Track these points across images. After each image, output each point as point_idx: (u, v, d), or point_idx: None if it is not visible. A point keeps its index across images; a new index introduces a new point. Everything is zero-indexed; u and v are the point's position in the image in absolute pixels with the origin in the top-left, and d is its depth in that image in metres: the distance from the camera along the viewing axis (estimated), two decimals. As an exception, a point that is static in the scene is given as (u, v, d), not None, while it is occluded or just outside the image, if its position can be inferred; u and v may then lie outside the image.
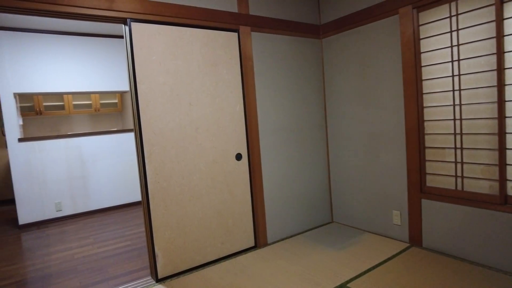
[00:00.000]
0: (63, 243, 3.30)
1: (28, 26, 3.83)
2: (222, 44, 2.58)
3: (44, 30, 3.99)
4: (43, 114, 5.33)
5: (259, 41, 2.79)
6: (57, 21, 3.70)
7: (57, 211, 4.08)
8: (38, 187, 3.96)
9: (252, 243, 2.81)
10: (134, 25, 2.22)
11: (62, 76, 4.14)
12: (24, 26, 3.82)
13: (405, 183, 2.65)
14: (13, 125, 3.85)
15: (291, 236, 3.01)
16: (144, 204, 2.33)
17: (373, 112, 2.83)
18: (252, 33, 2.74)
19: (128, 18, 2.19)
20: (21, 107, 5.29)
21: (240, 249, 2.74)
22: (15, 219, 4.06)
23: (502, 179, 2.11)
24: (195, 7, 2.44)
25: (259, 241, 2.83)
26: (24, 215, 3.91)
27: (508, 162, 2.10)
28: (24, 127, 5.37)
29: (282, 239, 2.95)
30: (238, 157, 2.69)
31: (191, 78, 2.45)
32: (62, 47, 4.14)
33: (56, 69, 4.10)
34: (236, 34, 2.65)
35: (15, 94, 3.88)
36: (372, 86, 2.81)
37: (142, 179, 2.31)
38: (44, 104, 5.35)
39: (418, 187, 2.54)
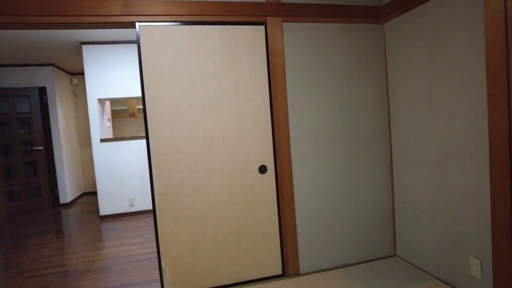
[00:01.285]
0: (119, 238, 3.54)
1: (107, 39, 4.25)
2: (244, 41, 2.26)
3: (117, 41, 4.36)
4: (135, 116, 5.96)
5: (292, 33, 2.35)
6: (125, 31, 3.99)
7: (130, 206, 4.45)
8: (115, 183, 4.39)
9: (279, 271, 2.40)
10: (142, 28, 2.11)
11: (132, 82, 4.47)
12: (104, 40, 4.25)
13: (487, 220, 1.83)
14: (96, 127, 4.36)
15: (333, 268, 2.47)
16: (154, 215, 2.22)
17: (444, 118, 2.05)
18: (284, 24, 2.33)
19: (136, 21, 2.09)
20: (118, 110, 6.03)
21: (263, 276, 2.38)
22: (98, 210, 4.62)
23: None
24: (211, 1, 2.18)
25: (288, 269, 2.40)
26: (104, 207, 4.39)
27: None
28: (120, 127, 6.12)
29: (320, 271, 2.44)
30: (262, 169, 2.33)
31: (205, 81, 2.21)
32: (130, 55, 4.45)
33: (124, 76, 4.43)
34: (262, 27, 2.28)
35: (98, 100, 4.39)
36: (442, 81, 2.04)
37: (152, 190, 2.20)
38: (137, 107, 5.97)
39: (509, 228, 1.70)
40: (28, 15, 1.94)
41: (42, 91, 5.17)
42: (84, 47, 4.27)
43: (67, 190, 5.42)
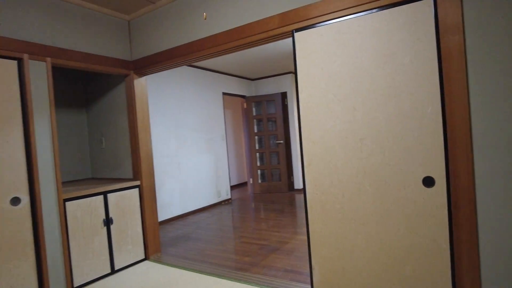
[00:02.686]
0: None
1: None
2: (404, 23, 1.85)
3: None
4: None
5: (482, -4, 1.67)
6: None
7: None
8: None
9: (450, 316, 1.83)
10: (297, 35, 2.21)
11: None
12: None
13: None
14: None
15: None
16: (305, 213, 2.31)
17: None
18: (467, -13, 1.70)
19: (293, 29, 2.23)
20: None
21: (425, 314, 1.90)
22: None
23: None
24: (364, -13, 1.95)
25: (465, 320, 1.78)
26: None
27: None
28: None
29: None
30: (428, 182, 1.84)
31: (356, 78, 2.02)
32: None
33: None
34: (429, 0, 1.78)
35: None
36: None
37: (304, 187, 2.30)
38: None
39: None
40: (220, 44, 2.55)
41: (284, 95, 6.28)
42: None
43: (300, 178, 6.32)
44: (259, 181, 6.52)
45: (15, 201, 2.34)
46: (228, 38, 2.52)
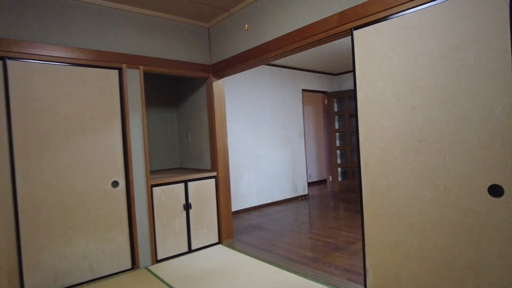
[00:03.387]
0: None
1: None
2: (471, 13, 1.67)
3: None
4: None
5: None
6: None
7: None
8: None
9: None
10: (356, 33, 2.18)
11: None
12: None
13: None
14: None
15: None
16: (361, 214, 2.27)
17: None
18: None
19: (352, 27, 2.20)
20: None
21: (489, 337, 1.71)
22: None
23: None
24: (426, -22, 1.81)
25: None
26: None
27: None
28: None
29: None
30: (495, 191, 1.64)
31: (414, 74, 1.90)
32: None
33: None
34: (504, -14, 1.57)
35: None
36: None
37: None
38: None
39: None
40: (284, 45, 2.66)
41: (367, 90, 5.99)
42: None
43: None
44: (339, 179, 6.40)
45: (115, 184, 2.90)
46: (291, 39, 2.61)
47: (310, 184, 7.33)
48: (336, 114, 6.36)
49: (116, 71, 2.92)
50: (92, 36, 2.78)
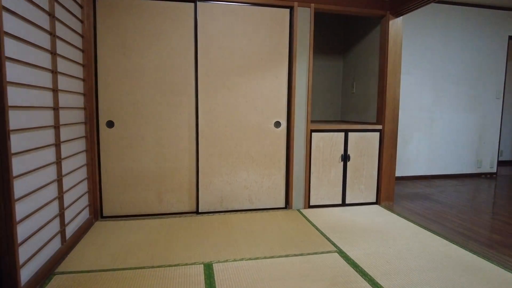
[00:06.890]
0: None
1: None
2: None
3: None
4: None
5: None
6: None
7: None
8: None
9: None
10: None
11: None
12: None
13: None
14: None
15: None
16: None
17: None
18: None
19: None
20: None
21: None
22: None
23: None
24: None
25: None
26: None
27: None
28: None
29: None
30: None
31: None
32: None
33: None
34: None
35: None
36: None
37: None
38: None
39: None
40: None
41: None
42: None
43: None
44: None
45: (277, 124, 2.97)
46: None
47: (500, 163, 5.82)
48: (561, 72, 4.62)
49: (287, 10, 2.87)
50: (268, -25, 2.79)
